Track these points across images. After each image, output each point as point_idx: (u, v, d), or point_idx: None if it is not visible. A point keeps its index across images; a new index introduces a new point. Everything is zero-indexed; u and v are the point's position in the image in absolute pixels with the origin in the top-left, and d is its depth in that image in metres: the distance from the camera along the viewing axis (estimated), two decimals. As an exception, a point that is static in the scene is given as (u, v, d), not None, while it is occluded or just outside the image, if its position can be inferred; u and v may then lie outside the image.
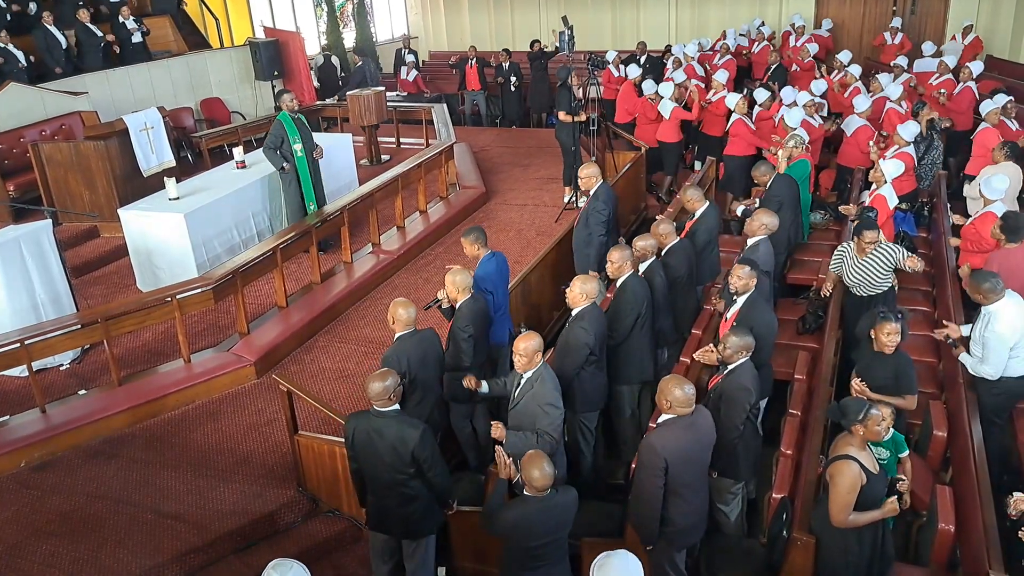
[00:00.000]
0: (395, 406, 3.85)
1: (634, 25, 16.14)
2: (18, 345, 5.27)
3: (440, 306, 4.94)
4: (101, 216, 8.01)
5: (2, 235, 5.93)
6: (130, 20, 10.61)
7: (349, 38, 16.01)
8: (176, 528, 4.62)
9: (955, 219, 6.72)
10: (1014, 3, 13.23)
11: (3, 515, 4.76)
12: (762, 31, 13.63)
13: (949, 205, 7.64)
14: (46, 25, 9.78)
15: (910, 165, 7.43)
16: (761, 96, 9.23)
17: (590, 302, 4.70)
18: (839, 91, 9.94)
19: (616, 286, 5.17)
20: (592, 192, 6.42)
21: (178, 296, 5.86)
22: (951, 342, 5.06)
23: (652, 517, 3.85)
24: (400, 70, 14.49)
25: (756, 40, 13.40)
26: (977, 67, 9.70)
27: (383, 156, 10.72)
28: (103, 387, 5.81)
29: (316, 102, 11.82)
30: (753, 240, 5.54)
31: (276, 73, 11.35)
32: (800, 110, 8.33)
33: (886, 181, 6.61)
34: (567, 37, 8.82)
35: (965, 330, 5.14)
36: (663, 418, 3.86)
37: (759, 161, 7.14)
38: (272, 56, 11.26)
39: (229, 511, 4.75)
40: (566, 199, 8.92)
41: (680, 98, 9.58)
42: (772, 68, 11.16)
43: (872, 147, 7.81)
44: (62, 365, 6.16)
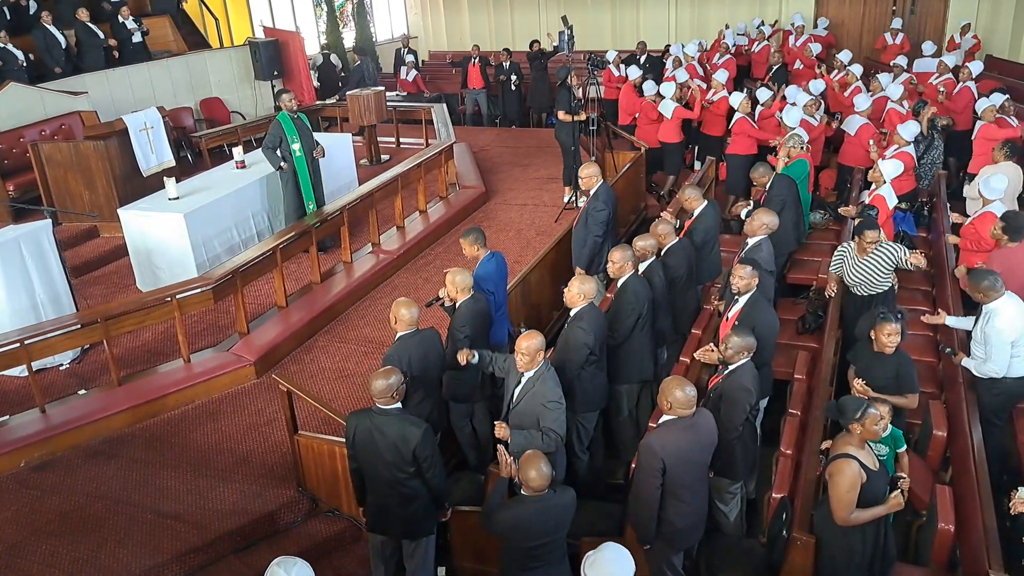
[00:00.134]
0: (397, 404, 3.85)
1: (634, 25, 16.15)
2: (18, 345, 5.27)
3: (443, 304, 4.95)
4: (101, 216, 8.01)
5: (2, 235, 5.93)
6: (130, 20, 10.61)
7: (349, 38, 16.01)
8: (176, 528, 4.62)
9: (953, 218, 6.73)
10: (1014, 3, 13.25)
11: (3, 515, 4.76)
12: (762, 31, 13.64)
13: (949, 205, 7.64)
14: (45, 25, 9.77)
15: (909, 165, 7.43)
16: (763, 96, 9.24)
17: (588, 302, 4.70)
18: (839, 91, 9.95)
19: (617, 286, 5.17)
20: (592, 192, 6.42)
21: (178, 296, 5.86)
22: (949, 351, 5.10)
23: (649, 517, 3.86)
24: (400, 70, 14.49)
25: (756, 40, 13.41)
26: (977, 67, 9.70)
27: (383, 156, 10.72)
28: (103, 387, 5.81)
29: (316, 102, 11.82)
30: (754, 240, 5.53)
31: (276, 73, 11.35)
32: (799, 109, 8.33)
33: (885, 181, 6.61)
34: (567, 37, 8.82)
35: (950, 320, 5.18)
36: (663, 419, 3.87)
37: (757, 163, 7.14)
38: (272, 56, 11.26)
39: (229, 511, 4.75)
40: (566, 199, 8.92)
41: (682, 97, 9.59)
42: (774, 69, 11.16)
43: (872, 147, 7.81)
44: (62, 365, 6.16)
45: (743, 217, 6.53)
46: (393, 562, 4.24)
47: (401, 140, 11.40)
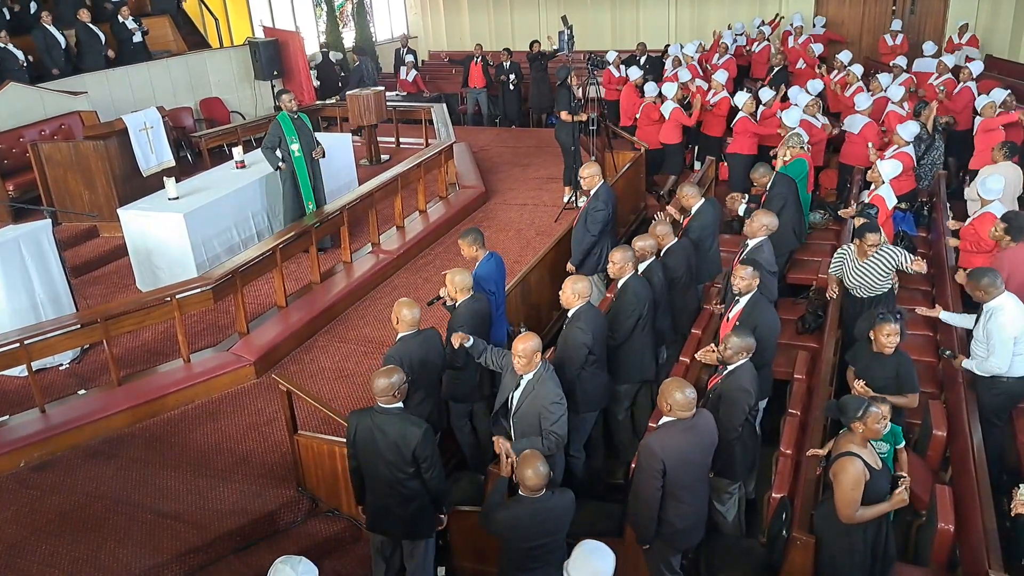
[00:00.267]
0: (399, 404, 3.85)
1: (634, 25, 16.15)
2: (18, 345, 5.27)
3: (444, 303, 4.95)
4: (100, 216, 8.01)
5: (2, 235, 5.92)
6: (130, 20, 10.61)
7: (349, 38, 16.01)
8: (176, 528, 4.62)
9: (950, 224, 6.74)
10: (1013, 3, 13.25)
11: (3, 515, 4.76)
12: (762, 31, 13.65)
13: (949, 205, 7.64)
14: (45, 25, 9.77)
15: (909, 165, 7.43)
16: (765, 95, 9.24)
17: (584, 301, 4.69)
18: (840, 91, 9.95)
19: (617, 286, 5.17)
20: (593, 192, 6.42)
21: (178, 296, 5.86)
22: (948, 354, 5.11)
23: (649, 518, 3.86)
24: (399, 70, 14.50)
25: (756, 40, 13.41)
26: (977, 67, 9.70)
27: (383, 156, 10.72)
28: (103, 387, 5.81)
29: (316, 102, 11.82)
30: (755, 242, 5.51)
31: (275, 73, 11.35)
32: (798, 109, 8.33)
33: (884, 181, 6.61)
34: (566, 37, 8.82)
35: (945, 315, 5.19)
36: (663, 420, 3.87)
37: (758, 163, 7.14)
38: (271, 56, 11.26)
39: (229, 511, 4.75)
40: (566, 199, 8.92)
41: (683, 98, 9.58)
42: (775, 71, 11.15)
43: (871, 147, 7.81)
44: (62, 365, 6.16)
45: (740, 213, 6.54)
46: (393, 562, 4.24)
47: (401, 140, 11.40)
